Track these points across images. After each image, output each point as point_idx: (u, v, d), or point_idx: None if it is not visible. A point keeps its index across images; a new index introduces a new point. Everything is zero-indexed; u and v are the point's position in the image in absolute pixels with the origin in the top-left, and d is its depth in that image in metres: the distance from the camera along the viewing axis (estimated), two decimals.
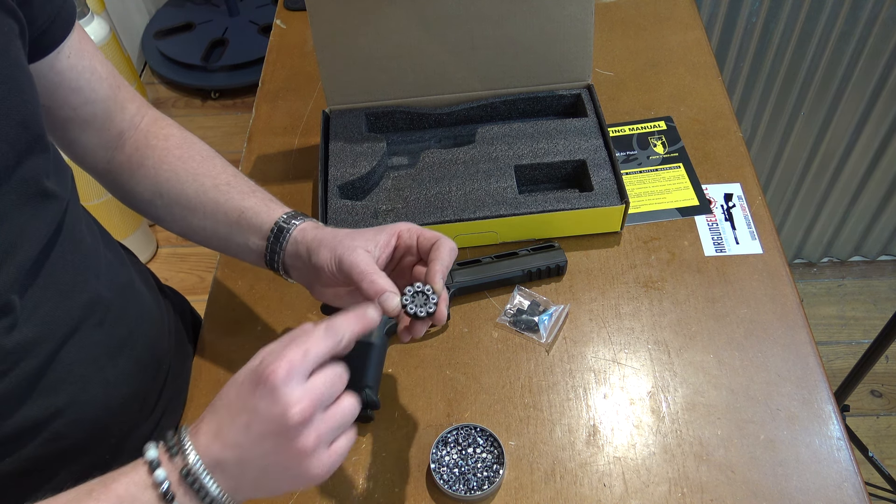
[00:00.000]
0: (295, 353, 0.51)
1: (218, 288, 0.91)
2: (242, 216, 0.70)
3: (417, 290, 0.62)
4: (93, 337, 0.66)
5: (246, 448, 0.50)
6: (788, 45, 1.57)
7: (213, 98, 2.57)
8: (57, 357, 0.63)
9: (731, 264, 0.88)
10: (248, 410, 0.50)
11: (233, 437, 0.50)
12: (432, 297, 0.61)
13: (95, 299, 0.67)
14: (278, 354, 0.51)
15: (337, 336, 0.53)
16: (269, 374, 0.49)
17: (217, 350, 0.85)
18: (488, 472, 0.72)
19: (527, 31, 0.93)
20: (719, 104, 1.05)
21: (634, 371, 0.80)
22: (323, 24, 0.90)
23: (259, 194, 0.72)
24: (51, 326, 0.62)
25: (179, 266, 2.15)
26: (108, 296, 0.68)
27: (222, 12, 2.64)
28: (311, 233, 0.67)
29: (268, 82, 1.15)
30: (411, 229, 0.65)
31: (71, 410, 0.65)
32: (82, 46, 0.67)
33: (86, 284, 0.66)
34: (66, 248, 0.63)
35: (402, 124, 1.00)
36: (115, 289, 0.70)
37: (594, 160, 0.92)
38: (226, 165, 0.74)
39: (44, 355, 0.61)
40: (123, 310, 0.71)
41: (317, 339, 0.52)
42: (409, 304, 0.61)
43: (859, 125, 1.70)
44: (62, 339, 0.63)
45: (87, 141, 0.72)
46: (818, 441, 0.74)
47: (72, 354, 0.64)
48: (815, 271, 2.11)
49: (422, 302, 0.61)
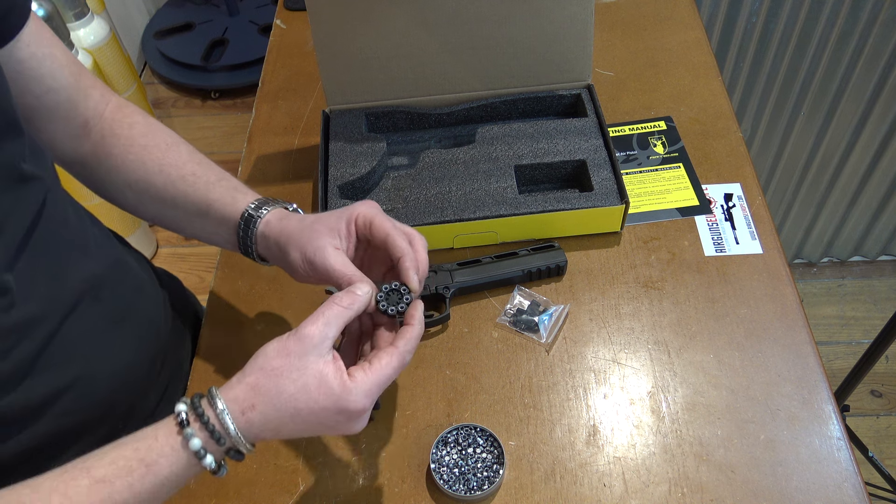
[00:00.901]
0: (376, 386, 0.56)
1: (218, 288, 0.91)
2: (211, 208, 0.71)
3: (394, 287, 0.62)
4: (92, 312, 0.67)
5: (301, 434, 0.57)
6: (788, 46, 1.57)
7: (213, 98, 2.57)
8: (58, 334, 0.64)
9: (731, 264, 0.88)
10: (322, 425, 0.56)
11: (290, 434, 0.56)
12: (406, 297, 0.62)
13: (89, 276, 0.68)
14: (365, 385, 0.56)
15: (406, 360, 0.59)
16: (354, 406, 0.55)
17: (217, 350, 0.85)
18: (488, 472, 0.72)
19: (527, 31, 0.93)
20: (719, 104, 1.05)
21: (634, 371, 0.80)
22: (323, 24, 0.90)
23: (224, 183, 0.73)
24: (50, 304, 0.63)
25: (179, 266, 2.15)
26: (100, 271, 0.70)
27: (222, 12, 2.64)
28: (275, 226, 0.68)
29: (268, 82, 1.15)
30: (366, 217, 0.65)
31: (77, 386, 0.66)
32: (41, 34, 0.67)
33: (77, 262, 0.67)
34: (52, 228, 0.64)
35: (402, 124, 1.00)
36: (107, 264, 0.72)
37: (594, 160, 0.92)
38: (191, 153, 0.75)
39: (45, 333, 0.63)
40: (118, 284, 0.72)
41: (392, 367, 0.57)
42: (382, 300, 0.61)
43: (859, 125, 1.70)
44: (62, 316, 0.64)
45: (53, 130, 0.72)
46: (818, 441, 0.74)
47: (73, 331, 0.65)
48: (815, 271, 2.11)
49: (395, 300, 0.61)
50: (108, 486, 0.50)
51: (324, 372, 0.55)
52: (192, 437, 0.53)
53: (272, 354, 0.55)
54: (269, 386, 0.54)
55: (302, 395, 0.54)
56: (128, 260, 0.77)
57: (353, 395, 0.55)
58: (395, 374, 0.58)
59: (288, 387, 0.54)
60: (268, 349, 0.56)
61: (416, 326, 0.60)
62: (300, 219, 0.68)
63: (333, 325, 0.57)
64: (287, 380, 0.54)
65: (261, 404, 0.54)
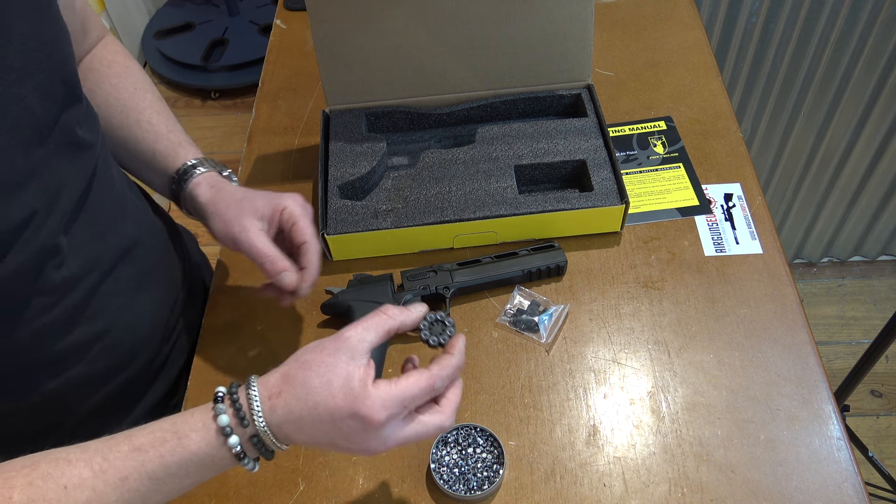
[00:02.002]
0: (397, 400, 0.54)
1: (218, 288, 0.91)
2: (154, 158, 0.78)
3: (438, 318, 0.66)
4: (126, 272, 0.74)
5: (320, 437, 0.56)
6: (788, 46, 1.57)
7: (213, 98, 2.57)
8: (98, 290, 0.70)
9: (731, 264, 0.88)
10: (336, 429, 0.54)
11: (310, 434, 0.55)
12: (449, 329, 0.65)
13: (126, 238, 0.74)
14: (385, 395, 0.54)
15: (437, 385, 0.57)
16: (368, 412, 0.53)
17: (217, 350, 0.85)
18: (488, 472, 0.72)
19: (527, 31, 0.93)
20: (719, 104, 1.05)
21: (634, 371, 0.80)
22: (323, 24, 0.90)
23: (173, 136, 0.79)
24: (92, 263, 0.69)
25: None
26: (135, 234, 0.76)
27: (222, 12, 2.64)
28: (205, 191, 0.75)
29: (268, 82, 1.15)
30: (291, 215, 0.72)
31: (109, 336, 0.72)
32: None
33: (118, 225, 0.73)
34: (101, 193, 0.70)
35: (402, 124, 1.00)
36: (141, 227, 0.78)
37: (594, 160, 0.92)
38: (155, 101, 0.80)
39: (87, 288, 0.69)
40: (149, 248, 0.78)
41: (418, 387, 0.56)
42: (425, 329, 0.65)
43: (859, 125, 1.70)
44: (102, 275, 0.71)
45: None
46: (818, 441, 0.74)
47: (109, 287, 0.71)
48: (815, 271, 2.11)
49: (438, 331, 0.65)
50: (142, 454, 0.53)
51: (350, 373, 0.54)
52: (221, 413, 0.54)
53: (309, 348, 0.57)
54: (297, 376, 0.55)
55: (323, 390, 0.54)
56: (156, 221, 0.83)
57: (369, 400, 0.54)
58: (422, 397, 0.56)
59: (313, 380, 0.54)
60: (309, 345, 0.57)
61: (455, 357, 0.59)
62: (231, 192, 0.74)
63: (373, 331, 0.57)
64: (314, 373, 0.54)
65: (287, 393, 0.54)
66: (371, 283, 0.85)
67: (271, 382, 0.55)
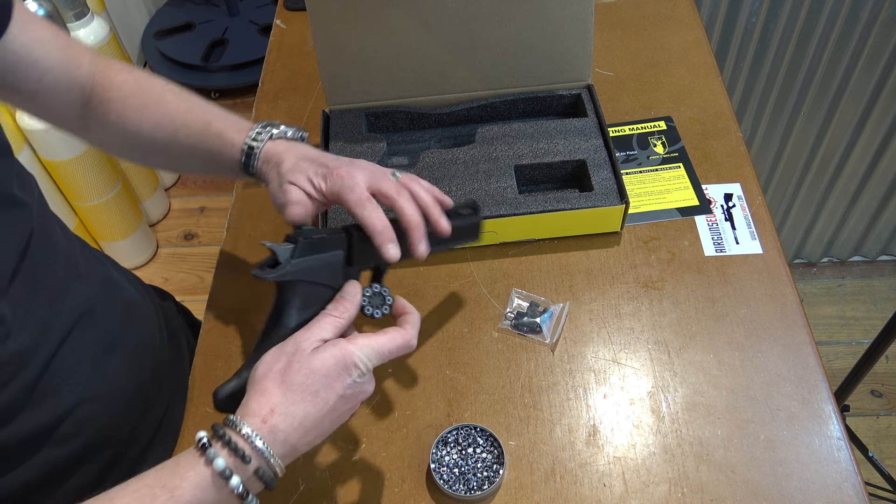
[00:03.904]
0: (374, 350, 0.58)
1: (218, 288, 0.91)
2: (210, 154, 0.73)
3: (375, 290, 0.65)
4: (86, 336, 0.67)
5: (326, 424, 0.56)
6: (788, 46, 1.57)
7: (213, 98, 2.57)
8: (53, 361, 0.63)
9: (731, 264, 0.88)
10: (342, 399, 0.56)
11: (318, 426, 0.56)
12: (388, 298, 0.65)
13: (82, 299, 0.68)
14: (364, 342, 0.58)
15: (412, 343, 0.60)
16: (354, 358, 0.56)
17: (217, 350, 0.85)
18: (488, 472, 0.72)
19: (527, 31, 0.93)
20: (719, 104, 1.05)
21: (634, 371, 0.80)
22: (323, 24, 0.90)
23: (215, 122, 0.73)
24: (44, 332, 0.62)
25: (179, 266, 2.15)
26: (92, 294, 0.69)
27: (222, 12, 2.64)
28: (281, 146, 0.71)
29: (268, 82, 1.15)
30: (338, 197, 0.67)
31: (78, 410, 0.65)
32: (23, 19, 0.67)
33: (69, 286, 0.67)
34: (43, 254, 0.64)
35: (402, 124, 1.00)
36: (97, 285, 0.71)
37: (594, 160, 0.92)
38: (179, 101, 0.75)
39: (41, 361, 0.62)
40: (110, 306, 0.72)
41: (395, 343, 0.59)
42: (367, 305, 0.64)
43: (859, 125, 1.70)
44: (57, 343, 0.63)
45: (57, 104, 0.73)
46: (818, 441, 0.74)
47: (68, 356, 0.64)
48: (815, 271, 2.11)
49: (378, 303, 0.64)
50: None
51: (321, 349, 0.56)
52: (215, 457, 0.51)
53: (270, 361, 0.56)
54: (279, 386, 0.54)
55: (312, 378, 0.55)
56: (117, 280, 0.77)
57: (354, 355, 0.56)
58: (398, 351, 0.59)
59: (296, 377, 0.54)
60: (264, 359, 0.56)
61: (413, 313, 0.62)
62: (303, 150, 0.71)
63: (327, 331, 0.58)
64: (293, 372, 0.55)
65: (278, 406, 0.53)
66: (322, 250, 0.68)
67: (255, 408, 0.54)
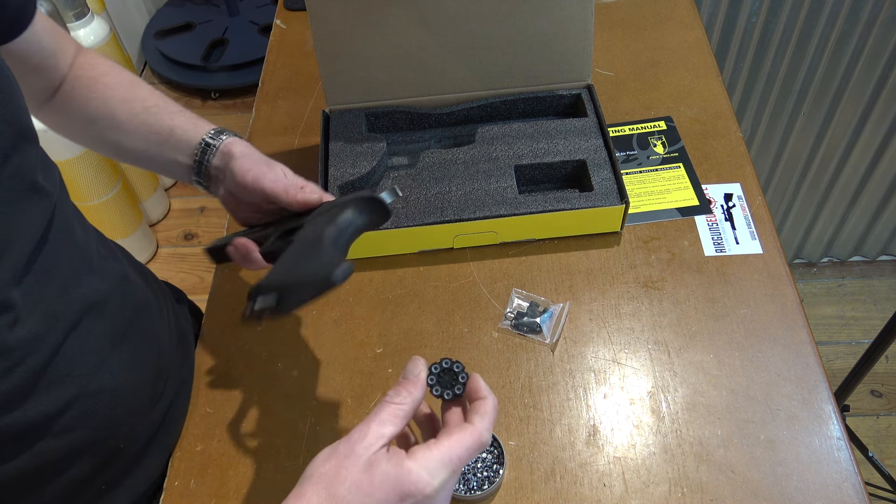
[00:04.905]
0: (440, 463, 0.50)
1: (218, 288, 0.91)
2: (172, 134, 0.75)
3: (444, 366, 0.56)
4: (94, 328, 0.67)
5: None
6: (788, 46, 1.57)
7: (213, 98, 2.57)
8: (61, 350, 0.63)
9: (731, 264, 0.88)
10: None
11: None
12: (461, 375, 0.56)
13: (93, 292, 0.67)
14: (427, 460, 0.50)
15: (485, 439, 0.53)
16: (417, 485, 0.49)
17: (217, 350, 0.85)
18: (488, 472, 0.72)
19: (527, 31, 0.93)
20: (719, 104, 1.05)
21: (634, 371, 0.80)
22: (323, 24, 0.90)
23: (186, 114, 0.77)
24: (53, 320, 0.62)
25: (179, 266, 2.15)
26: (104, 287, 0.69)
27: (222, 12, 2.64)
28: (238, 147, 0.73)
29: (268, 82, 1.15)
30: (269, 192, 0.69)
31: (80, 402, 0.65)
32: None
33: (82, 277, 0.67)
34: (59, 243, 0.64)
35: (402, 124, 1.00)
36: (110, 280, 0.71)
37: (594, 160, 0.92)
38: (152, 91, 0.78)
39: (48, 349, 0.62)
40: (121, 300, 0.72)
41: (464, 447, 0.51)
42: (434, 385, 0.56)
43: (859, 125, 1.70)
44: (65, 333, 0.64)
45: (35, 85, 0.74)
46: (818, 441, 0.74)
47: (75, 347, 0.64)
48: (815, 271, 2.11)
49: (449, 381, 0.56)
50: None
51: (374, 462, 0.50)
52: None
53: (321, 460, 0.51)
54: (318, 494, 0.49)
55: (355, 495, 0.49)
56: (131, 276, 0.76)
57: (413, 473, 0.49)
58: (470, 454, 0.51)
59: (339, 489, 0.49)
60: (318, 456, 0.52)
61: (489, 399, 0.54)
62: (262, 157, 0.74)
63: (389, 424, 0.52)
64: (337, 482, 0.49)
65: None
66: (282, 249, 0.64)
67: None
